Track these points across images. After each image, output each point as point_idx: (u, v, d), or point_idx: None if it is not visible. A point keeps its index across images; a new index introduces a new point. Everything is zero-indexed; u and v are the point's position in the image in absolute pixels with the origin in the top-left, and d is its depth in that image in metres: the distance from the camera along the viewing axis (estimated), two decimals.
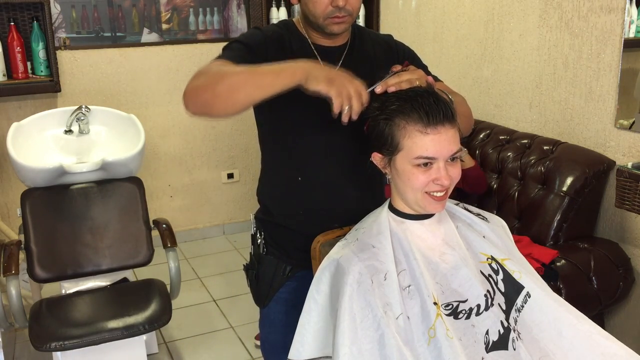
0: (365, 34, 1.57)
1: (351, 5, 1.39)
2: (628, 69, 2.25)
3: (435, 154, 1.21)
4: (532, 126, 2.71)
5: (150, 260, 2.57)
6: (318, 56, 1.47)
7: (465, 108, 1.50)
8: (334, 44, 1.50)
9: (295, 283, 1.57)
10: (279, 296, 1.60)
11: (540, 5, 2.60)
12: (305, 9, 1.44)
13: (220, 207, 4.15)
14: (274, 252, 1.59)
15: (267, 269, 1.60)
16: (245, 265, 1.69)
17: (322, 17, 1.40)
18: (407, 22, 3.49)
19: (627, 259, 2.29)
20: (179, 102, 4.31)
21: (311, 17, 1.42)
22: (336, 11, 1.38)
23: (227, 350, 2.84)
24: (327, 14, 1.39)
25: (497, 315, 1.25)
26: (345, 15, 1.40)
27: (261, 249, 1.61)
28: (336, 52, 1.50)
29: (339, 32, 1.45)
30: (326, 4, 1.38)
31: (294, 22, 1.52)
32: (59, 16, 3.46)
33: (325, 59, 1.46)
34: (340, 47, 1.51)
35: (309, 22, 1.46)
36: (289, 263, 1.58)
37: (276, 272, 1.59)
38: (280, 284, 1.59)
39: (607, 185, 2.36)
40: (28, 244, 2.41)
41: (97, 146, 2.76)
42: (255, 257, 1.64)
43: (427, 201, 1.25)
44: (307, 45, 1.49)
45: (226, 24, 3.89)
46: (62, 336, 2.14)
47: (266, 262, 1.60)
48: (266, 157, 1.61)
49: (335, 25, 1.41)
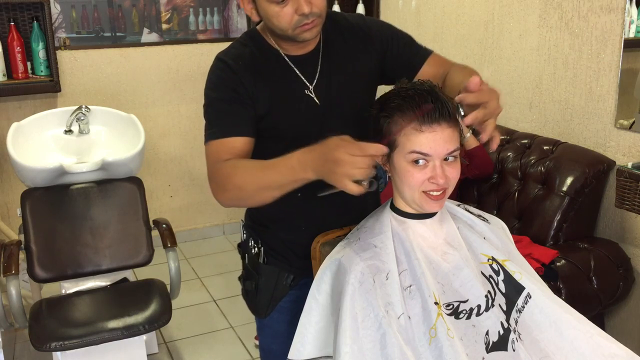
0: (337, 26, 1.46)
1: (317, 7, 1.30)
2: (628, 69, 2.25)
3: (430, 150, 1.21)
4: (532, 126, 2.71)
5: (150, 260, 2.57)
6: (295, 68, 1.40)
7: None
8: (307, 50, 1.41)
9: (298, 292, 1.51)
10: (281, 306, 1.54)
11: (540, 5, 2.60)
12: (270, 24, 1.35)
13: (220, 207, 4.08)
14: (275, 262, 1.53)
15: (269, 279, 1.53)
16: (241, 276, 1.62)
17: (291, 29, 1.31)
18: (407, 22, 3.49)
19: (627, 259, 2.29)
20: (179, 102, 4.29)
21: (278, 31, 1.34)
22: (303, 19, 1.29)
23: (227, 350, 2.84)
24: (294, 24, 1.30)
25: (497, 316, 1.25)
26: (314, 18, 1.31)
27: (260, 259, 1.55)
28: (311, 59, 1.42)
29: (312, 38, 1.36)
30: (291, 14, 1.29)
31: (259, 32, 1.43)
32: (59, 16, 3.46)
33: (303, 70, 1.41)
34: (314, 53, 1.42)
35: (278, 35, 1.37)
36: (291, 272, 1.52)
37: (278, 282, 1.53)
38: (282, 294, 1.54)
39: (607, 185, 2.36)
40: (28, 244, 2.41)
41: (97, 146, 2.76)
42: (252, 267, 1.57)
43: (424, 200, 1.25)
44: (281, 59, 1.40)
45: (226, 24, 3.89)
46: (62, 336, 2.14)
47: (267, 272, 1.53)
48: None
49: (306, 32, 1.33)
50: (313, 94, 1.41)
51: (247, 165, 1.32)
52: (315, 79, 1.42)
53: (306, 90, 1.41)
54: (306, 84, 1.41)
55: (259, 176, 1.28)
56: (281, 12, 1.30)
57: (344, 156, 1.12)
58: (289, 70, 1.41)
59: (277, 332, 1.57)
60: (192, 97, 3.78)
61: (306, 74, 1.41)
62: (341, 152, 1.13)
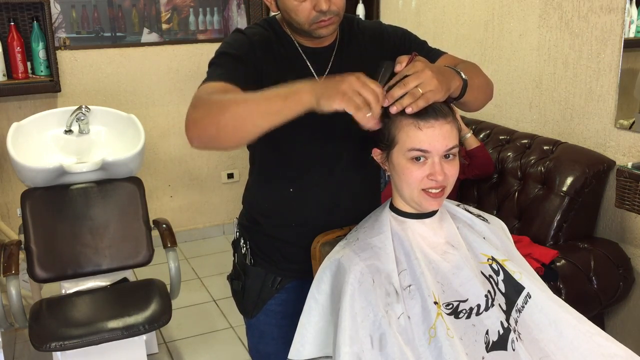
0: (354, 27, 1.48)
1: (336, 5, 1.31)
2: (628, 69, 2.25)
3: (429, 147, 1.20)
4: (532, 126, 2.71)
5: (150, 260, 2.57)
6: (306, 59, 1.41)
7: (480, 79, 1.38)
8: (322, 44, 1.42)
9: (285, 294, 1.51)
10: (268, 308, 1.52)
11: (540, 5, 2.60)
12: (287, 17, 1.35)
13: (220, 207, 4.15)
14: (262, 263, 1.51)
15: (255, 280, 1.52)
16: (230, 275, 1.61)
17: (308, 24, 1.32)
18: (407, 22, 3.49)
19: (627, 259, 2.29)
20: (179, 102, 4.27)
21: (295, 24, 1.35)
22: (321, 15, 1.30)
23: (227, 350, 2.84)
24: (311, 19, 1.31)
25: (497, 315, 1.25)
26: (332, 16, 1.32)
27: (247, 259, 1.53)
28: (325, 54, 1.43)
29: (328, 35, 1.37)
30: (309, 10, 1.30)
31: (278, 21, 1.43)
32: (59, 16, 3.46)
33: (314, 62, 1.41)
34: (328, 48, 1.43)
35: (295, 29, 1.38)
36: (278, 274, 1.50)
37: (264, 284, 1.51)
38: (269, 296, 1.52)
39: (607, 185, 2.36)
40: (28, 244, 2.41)
41: (97, 146, 2.76)
42: (240, 267, 1.55)
43: (423, 198, 1.25)
44: (295, 48, 1.41)
45: (226, 24, 3.89)
46: (62, 336, 2.14)
47: (253, 273, 1.52)
48: (255, 166, 1.53)
49: (322, 29, 1.33)
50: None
51: (233, 92, 1.26)
52: (325, 73, 1.42)
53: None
54: (315, 77, 1.41)
55: (246, 98, 1.20)
56: (300, 7, 1.30)
57: (351, 77, 1.12)
58: (301, 60, 1.41)
59: (263, 333, 1.56)
60: (192, 97, 3.76)
61: (317, 66, 1.41)
62: (349, 76, 1.13)
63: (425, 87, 1.14)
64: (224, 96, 1.23)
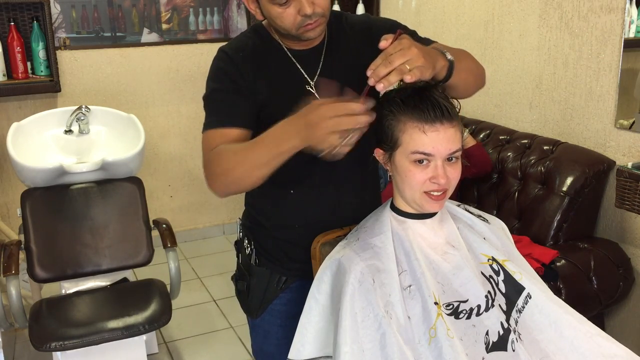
0: (343, 23, 1.46)
1: (320, 7, 1.29)
2: (628, 69, 2.25)
3: (433, 150, 1.20)
4: (532, 126, 2.71)
5: (150, 260, 2.57)
6: (297, 63, 1.40)
7: (468, 63, 1.38)
8: (312, 45, 1.41)
9: (290, 294, 1.51)
10: (273, 308, 1.52)
11: (540, 5, 2.60)
12: (274, 24, 1.34)
13: (220, 207, 4.15)
14: (266, 263, 1.52)
15: (260, 280, 1.52)
16: (234, 275, 1.61)
17: (294, 29, 1.31)
18: (407, 22, 3.44)
19: (627, 259, 2.29)
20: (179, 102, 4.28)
21: (282, 30, 1.34)
22: (306, 19, 1.29)
23: (227, 350, 2.84)
24: (297, 24, 1.30)
25: (497, 316, 1.25)
26: (317, 18, 1.30)
27: (252, 260, 1.53)
28: (314, 55, 1.41)
29: (316, 36, 1.36)
30: (294, 15, 1.28)
31: (264, 27, 1.43)
32: (59, 16, 3.46)
33: (305, 65, 1.40)
34: (317, 49, 1.42)
35: (282, 34, 1.37)
36: (283, 274, 1.51)
37: (269, 284, 1.51)
38: (274, 296, 1.52)
39: (607, 185, 2.36)
40: (28, 244, 2.41)
41: (97, 146, 2.76)
42: (244, 267, 1.55)
43: (424, 200, 1.25)
44: (284, 53, 1.40)
45: (226, 24, 3.89)
46: (62, 336, 2.14)
47: (258, 273, 1.52)
48: None
49: (310, 32, 1.32)
50: (314, 89, 1.41)
51: (233, 147, 1.29)
52: (317, 74, 1.41)
53: (307, 85, 1.41)
54: (307, 80, 1.41)
55: (245, 155, 1.25)
56: (284, 13, 1.29)
57: (318, 119, 1.11)
58: (291, 64, 1.40)
59: (268, 333, 1.56)
60: (192, 97, 3.77)
61: (308, 69, 1.41)
62: (315, 115, 1.12)
63: (413, 64, 1.12)
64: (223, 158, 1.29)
